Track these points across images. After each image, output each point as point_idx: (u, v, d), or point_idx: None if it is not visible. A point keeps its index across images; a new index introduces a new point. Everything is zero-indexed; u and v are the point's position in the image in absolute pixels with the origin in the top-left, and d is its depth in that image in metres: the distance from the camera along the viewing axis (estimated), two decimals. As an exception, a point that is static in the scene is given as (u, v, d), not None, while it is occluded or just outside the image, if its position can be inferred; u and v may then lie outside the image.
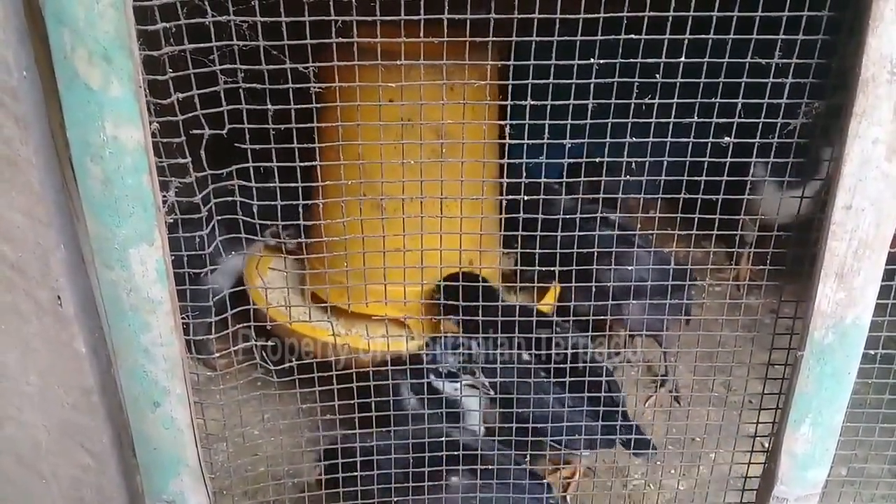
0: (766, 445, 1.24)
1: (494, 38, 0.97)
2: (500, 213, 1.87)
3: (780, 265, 1.20)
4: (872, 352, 1.15)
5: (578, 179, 1.18)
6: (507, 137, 1.10)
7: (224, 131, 0.95)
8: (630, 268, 1.53)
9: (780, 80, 1.00)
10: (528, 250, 1.27)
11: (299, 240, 1.83)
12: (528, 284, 1.67)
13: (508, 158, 1.51)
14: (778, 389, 1.19)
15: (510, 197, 1.15)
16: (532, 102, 1.03)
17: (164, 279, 0.94)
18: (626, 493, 1.75)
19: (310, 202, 1.08)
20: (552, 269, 1.20)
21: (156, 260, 0.93)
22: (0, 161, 0.87)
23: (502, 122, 1.14)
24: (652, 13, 0.95)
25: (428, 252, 1.17)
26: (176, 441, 1.05)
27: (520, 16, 0.96)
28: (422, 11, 0.91)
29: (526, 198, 1.11)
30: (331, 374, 1.20)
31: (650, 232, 1.85)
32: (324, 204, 1.23)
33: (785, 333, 1.16)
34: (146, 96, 0.86)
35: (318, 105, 1.00)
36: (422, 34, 0.93)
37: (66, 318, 0.97)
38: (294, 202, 1.05)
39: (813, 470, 1.20)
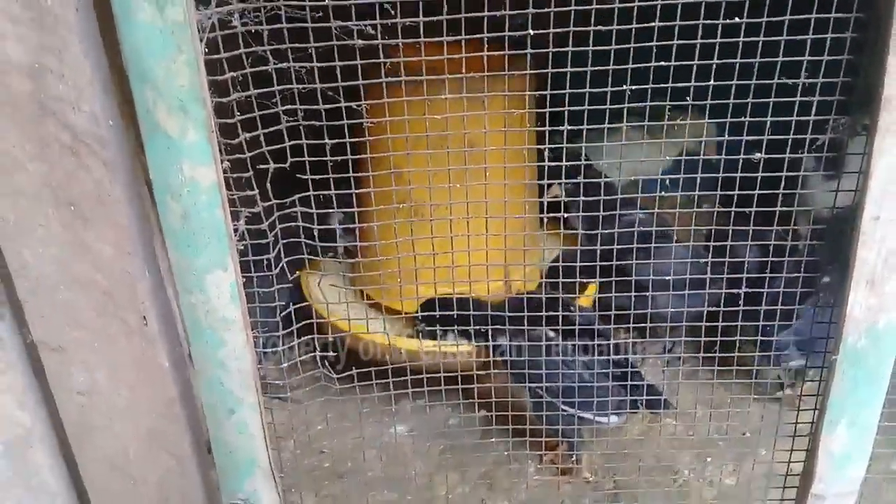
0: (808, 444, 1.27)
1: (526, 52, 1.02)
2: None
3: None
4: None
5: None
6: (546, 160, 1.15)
7: (287, 164, 1.03)
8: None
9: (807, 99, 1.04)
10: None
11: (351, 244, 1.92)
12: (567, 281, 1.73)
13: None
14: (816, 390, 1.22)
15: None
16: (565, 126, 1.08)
17: (237, 300, 1.02)
18: (677, 484, 1.78)
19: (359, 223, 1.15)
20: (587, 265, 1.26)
21: (229, 284, 1.01)
22: (91, 200, 0.96)
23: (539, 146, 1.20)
24: (681, 41, 0.99)
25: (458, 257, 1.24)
26: (249, 444, 1.14)
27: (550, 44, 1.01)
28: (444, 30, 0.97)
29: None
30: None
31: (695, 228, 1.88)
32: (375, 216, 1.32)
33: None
34: (217, 138, 0.94)
35: (370, 138, 1.07)
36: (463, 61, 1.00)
37: (151, 337, 1.06)
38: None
39: (850, 468, 1.22)
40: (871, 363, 1.13)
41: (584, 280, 1.99)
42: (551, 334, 1.53)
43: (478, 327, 1.54)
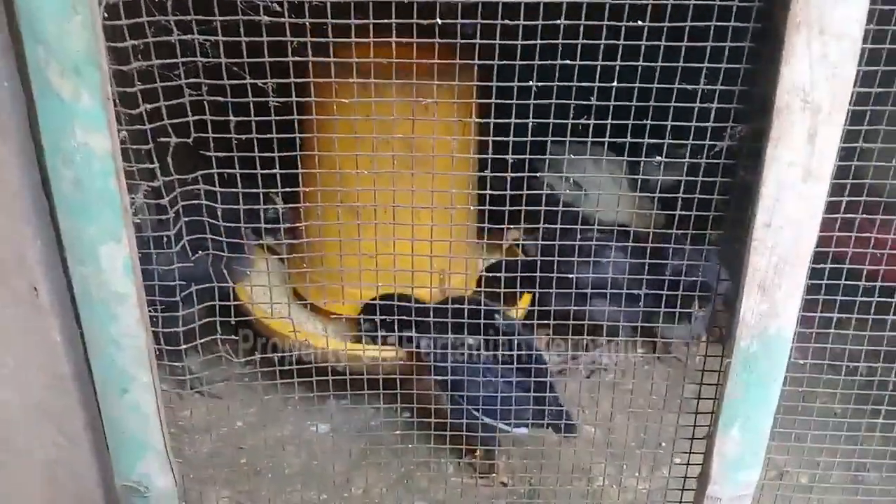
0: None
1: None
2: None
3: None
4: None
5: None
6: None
7: (190, 139, 1.01)
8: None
9: (706, 105, 1.06)
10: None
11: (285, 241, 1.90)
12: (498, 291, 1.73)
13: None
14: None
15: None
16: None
17: (131, 274, 1.00)
18: (591, 490, 1.79)
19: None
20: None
21: (123, 257, 0.99)
22: (-22, 158, 0.93)
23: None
24: (585, 41, 1.01)
25: (401, 258, 1.23)
26: (142, 425, 1.11)
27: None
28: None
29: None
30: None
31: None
32: (305, 209, 1.31)
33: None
34: (116, 107, 0.93)
35: (295, 117, 1.06)
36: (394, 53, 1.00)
37: (43, 309, 1.03)
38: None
39: (744, 471, 1.24)
40: (763, 368, 1.15)
41: (521, 290, 2.00)
42: (471, 342, 1.53)
43: (406, 331, 1.53)
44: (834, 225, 1.12)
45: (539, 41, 0.99)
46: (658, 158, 1.09)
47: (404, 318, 1.37)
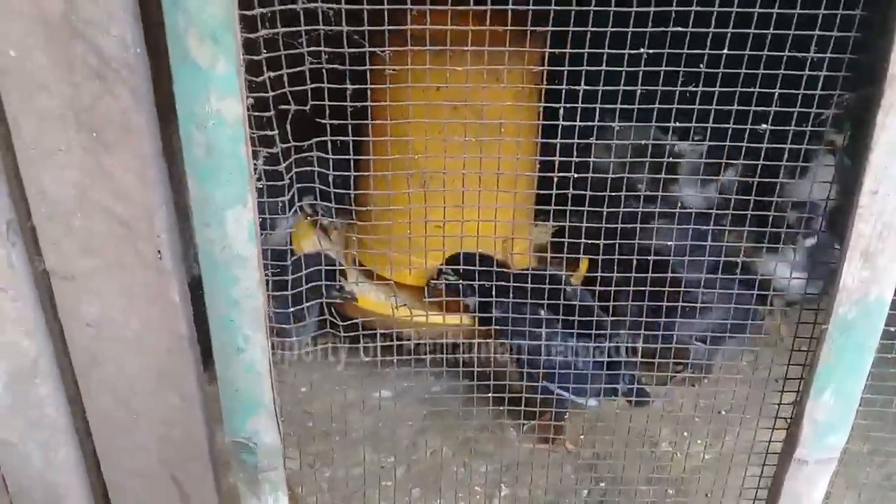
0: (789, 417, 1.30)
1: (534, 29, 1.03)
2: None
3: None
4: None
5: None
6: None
7: (307, 107, 1.03)
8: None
9: (815, 73, 1.06)
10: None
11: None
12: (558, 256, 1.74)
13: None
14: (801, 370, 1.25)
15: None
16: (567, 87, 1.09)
17: (254, 238, 1.02)
18: (655, 456, 1.82)
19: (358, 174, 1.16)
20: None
21: (247, 220, 1.01)
22: (115, 127, 0.95)
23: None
24: (699, 7, 1.01)
25: (467, 226, 1.24)
26: (256, 384, 1.13)
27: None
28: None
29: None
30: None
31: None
32: (372, 177, 1.32)
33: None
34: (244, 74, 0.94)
35: (377, 86, 1.07)
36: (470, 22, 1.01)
37: (165, 271, 1.06)
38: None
39: (833, 436, 1.25)
40: (860, 335, 1.16)
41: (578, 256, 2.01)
42: (543, 313, 1.55)
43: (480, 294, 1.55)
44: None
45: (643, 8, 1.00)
46: (764, 126, 1.09)
47: (484, 278, 1.38)
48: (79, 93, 0.93)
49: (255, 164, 1.01)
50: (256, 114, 0.99)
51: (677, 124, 1.10)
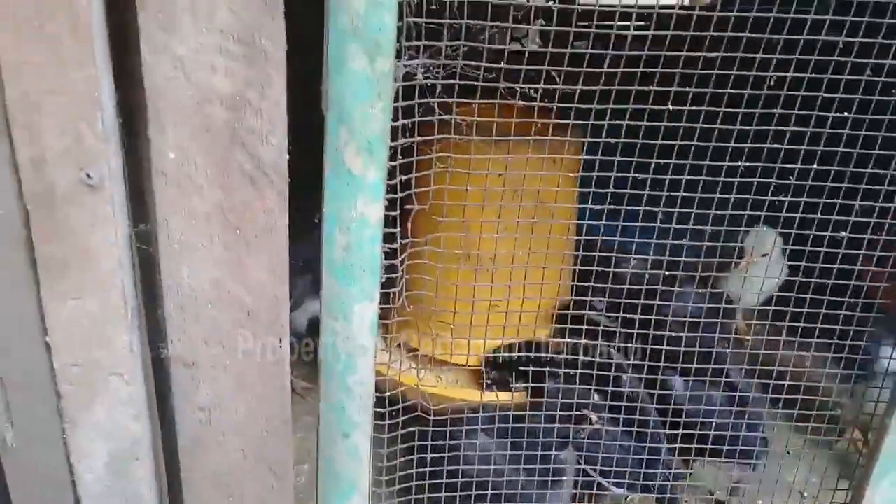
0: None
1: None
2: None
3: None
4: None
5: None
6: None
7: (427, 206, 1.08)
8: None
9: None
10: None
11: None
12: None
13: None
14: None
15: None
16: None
17: (375, 330, 1.06)
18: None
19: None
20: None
21: (372, 314, 1.05)
22: (259, 227, 0.98)
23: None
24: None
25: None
26: (356, 468, 1.16)
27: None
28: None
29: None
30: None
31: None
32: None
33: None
34: (383, 179, 0.99)
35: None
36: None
37: (282, 360, 1.08)
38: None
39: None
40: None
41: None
42: (596, 398, 1.58)
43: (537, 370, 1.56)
44: None
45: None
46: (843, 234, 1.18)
47: (534, 366, 1.42)
48: (230, 194, 0.96)
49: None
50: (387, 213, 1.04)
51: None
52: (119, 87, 0.94)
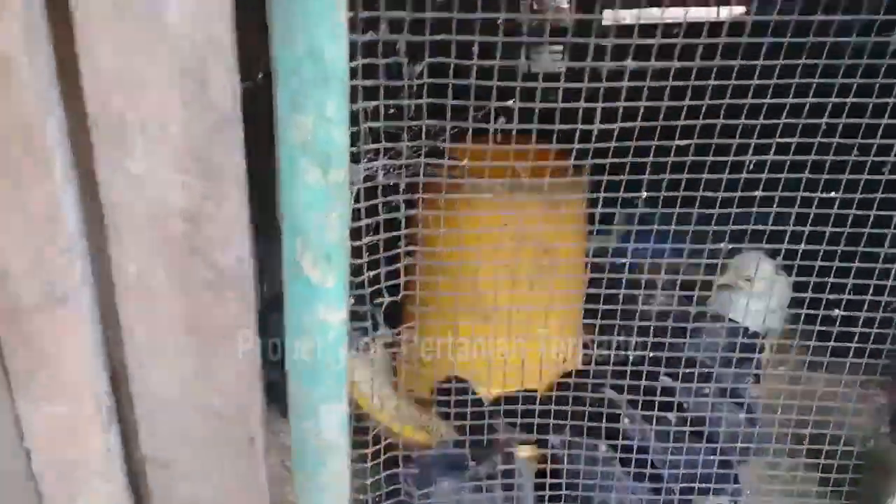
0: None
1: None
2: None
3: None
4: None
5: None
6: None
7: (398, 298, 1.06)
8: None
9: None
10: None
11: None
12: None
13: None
14: None
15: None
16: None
17: (346, 428, 1.04)
18: None
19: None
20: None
21: (340, 414, 1.03)
22: (223, 332, 0.98)
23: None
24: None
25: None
26: (335, 562, 1.14)
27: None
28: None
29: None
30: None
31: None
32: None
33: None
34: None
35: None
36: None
37: (256, 457, 1.07)
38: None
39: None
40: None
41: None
42: (603, 448, 1.54)
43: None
44: None
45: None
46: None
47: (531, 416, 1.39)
48: (192, 302, 0.96)
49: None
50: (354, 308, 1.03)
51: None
52: (88, 194, 0.95)
